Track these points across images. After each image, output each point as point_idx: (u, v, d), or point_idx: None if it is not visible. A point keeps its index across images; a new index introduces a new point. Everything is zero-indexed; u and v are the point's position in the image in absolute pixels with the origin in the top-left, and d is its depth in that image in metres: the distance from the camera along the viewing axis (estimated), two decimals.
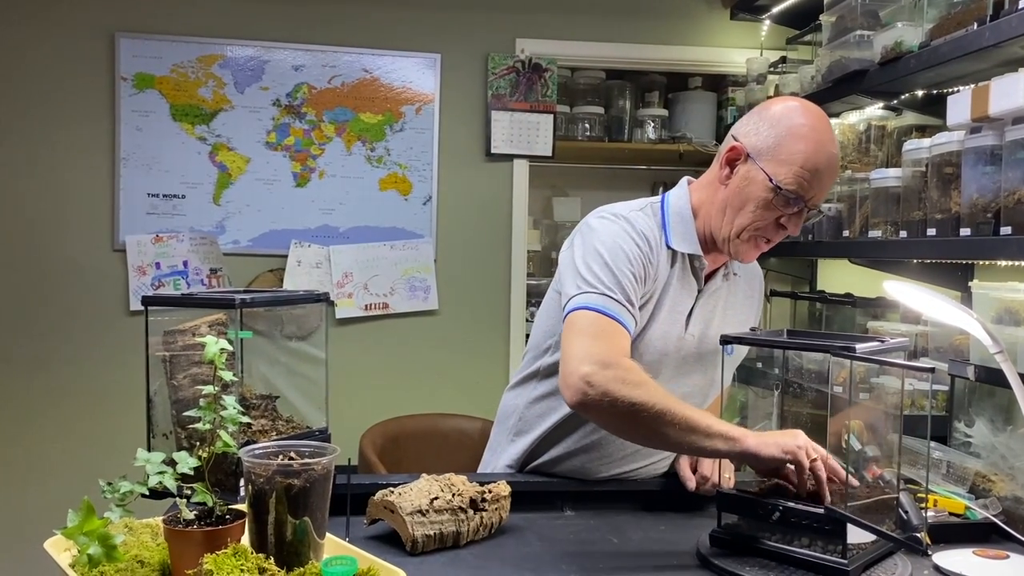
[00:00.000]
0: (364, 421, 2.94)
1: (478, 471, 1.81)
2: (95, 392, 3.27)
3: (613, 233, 1.55)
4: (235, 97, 3.34)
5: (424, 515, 1.36)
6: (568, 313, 1.49)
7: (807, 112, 1.51)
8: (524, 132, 3.53)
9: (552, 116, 3.56)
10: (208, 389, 1.14)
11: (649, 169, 4.16)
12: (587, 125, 3.85)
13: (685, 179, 1.69)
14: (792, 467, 1.37)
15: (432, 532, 1.36)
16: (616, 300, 1.48)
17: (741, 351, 1.70)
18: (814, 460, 1.35)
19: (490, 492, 1.45)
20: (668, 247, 1.59)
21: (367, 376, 3.44)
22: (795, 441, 1.36)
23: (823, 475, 1.33)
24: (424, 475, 1.48)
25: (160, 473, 1.06)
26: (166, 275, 3.29)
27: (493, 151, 3.52)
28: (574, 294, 1.50)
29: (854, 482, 1.32)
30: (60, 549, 1.14)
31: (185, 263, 3.31)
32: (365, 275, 3.43)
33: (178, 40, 3.30)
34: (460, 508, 1.40)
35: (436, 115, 3.48)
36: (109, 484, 1.07)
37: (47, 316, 3.26)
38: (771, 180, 1.48)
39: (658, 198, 1.67)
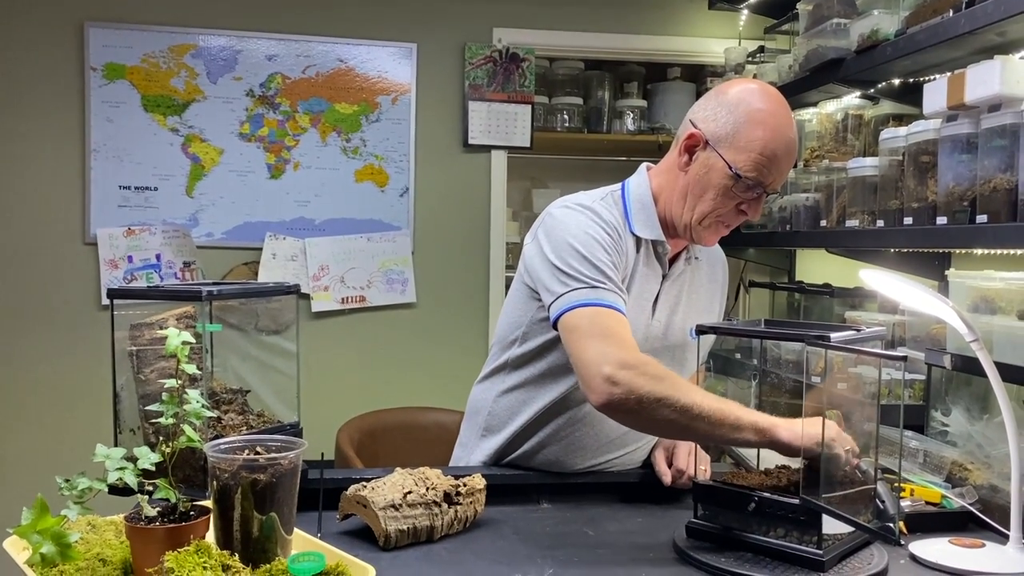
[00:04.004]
0: (341, 415, 2.91)
1: (449, 466, 1.79)
2: (66, 387, 3.22)
3: (582, 224, 1.53)
4: (208, 87, 3.30)
5: (397, 509, 1.34)
6: (562, 313, 1.46)
7: (764, 96, 1.50)
8: (502, 123, 3.50)
9: (530, 107, 3.53)
10: (170, 383, 1.11)
11: (628, 160, 4.14)
12: (566, 116, 3.83)
13: (644, 165, 1.69)
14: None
15: (405, 527, 1.34)
16: (606, 288, 1.46)
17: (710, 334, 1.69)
18: (847, 449, 1.31)
19: (465, 485, 1.43)
20: (632, 234, 1.58)
21: (344, 370, 3.41)
22: (827, 432, 1.31)
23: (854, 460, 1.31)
24: (398, 469, 1.46)
25: (120, 469, 1.03)
26: (138, 268, 3.24)
27: (471, 142, 3.49)
28: (562, 292, 1.47)
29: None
30: (19, 548, 1.11)
31: (158, 256, 3.26)
32: (341, 268, 3.40)
33: (149, 30, 3.25)
34: (434, 502, 1.38)
35: (412, 106, 3.45)
36: (67, 481, 1.04)
37: (16, 310, 3.21)
38: (730, 168, 1.48)
39: (618, 186, 1.66)
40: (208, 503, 1.13)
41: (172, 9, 3.28)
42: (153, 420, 1.32)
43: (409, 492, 1.37)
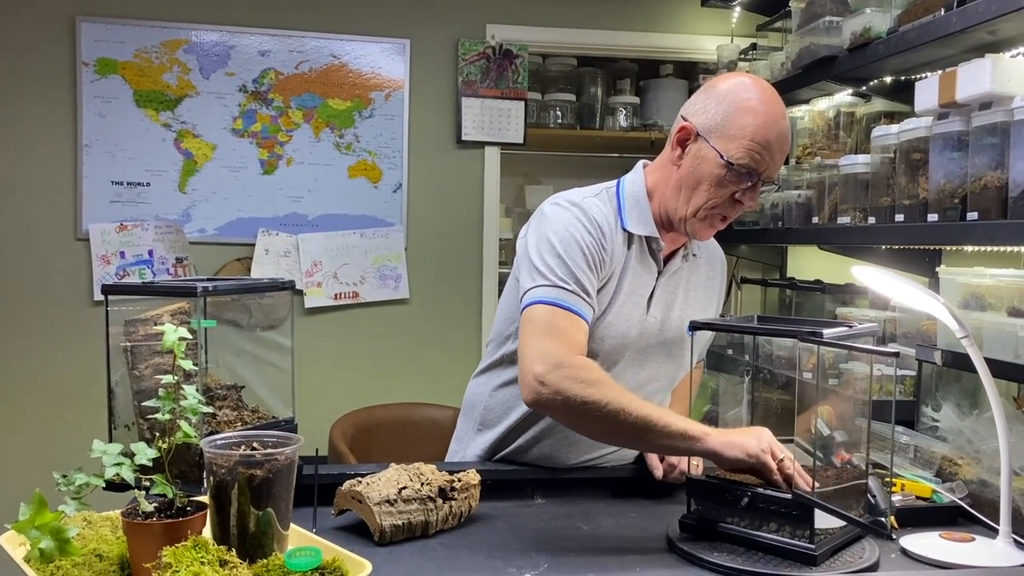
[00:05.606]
0: (334, 411, 2.92)
1: (445, 461, 1.80)
2: (59, 384, 3.21)
3: (565, 222, 1.54)
4: (200, 83, 3.29)
5: (392, 505, 1.34)
6: (524, 307, 1.49)
7: (754, 86, 1.51)
8: (495, 119, 3.50)
9: (523, 103, 3.53)
10: (167, 379, 1.11)
11: (621, 157, 4.15)
12: (558, 112, 3.84)
13: (641, 162, 1.69)
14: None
15: (401, 522, 1.35)
16: (570, 291, 1.48)
17: (706, 331, 1.70)
18: (781, 460, 1.34)
19: (459, 481, 1.44)
20: (624, 229, 1.59)
21: (337, 366, 3.41)
22: (759, 444, 1.36)
23: (791, 471, 1.33)
24: (392, 464, 1.46)
25: (117, 464, 1.04)
26: (131, 264, 3.23)
27: (464, 138, 3.49)
28: (529, 287, 1.50)
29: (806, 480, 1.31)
30: (15, 544, 1.11)
31: (150, 252, 3.25)
32: (335, 264, 3.40)
33: (141, 24, 3.24)
34: (429, 497, 1.39)
35: (406, 101, 3.45)
36: (64, 476, 1.04)
37: (9, 307, 3.20)
38: (722, 157, 1.48)
39: (614, 183, 1.67)
40: (204, 498, 1.13)
41: (164, 4, 3.26)
42: (149, 416, 1.33)
43: (404, 487, 1.37)
